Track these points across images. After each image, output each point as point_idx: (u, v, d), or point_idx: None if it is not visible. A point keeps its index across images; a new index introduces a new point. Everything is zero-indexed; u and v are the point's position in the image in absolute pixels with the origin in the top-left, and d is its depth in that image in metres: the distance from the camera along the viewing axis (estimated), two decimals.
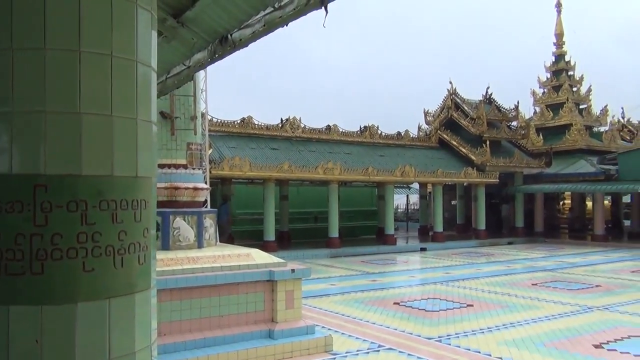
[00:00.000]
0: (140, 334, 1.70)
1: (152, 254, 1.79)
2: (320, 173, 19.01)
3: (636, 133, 30.50)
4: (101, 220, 1.60)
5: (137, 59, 1.71)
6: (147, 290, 1.74)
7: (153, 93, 1.80)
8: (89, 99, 1.60)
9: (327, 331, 7.42)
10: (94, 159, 1.60)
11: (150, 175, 1.77)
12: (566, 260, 17.51)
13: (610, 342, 7.19)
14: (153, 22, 1.81)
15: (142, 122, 1.72)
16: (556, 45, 31.00)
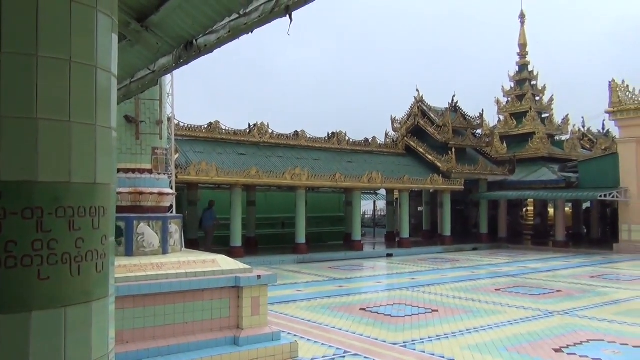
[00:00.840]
0: (97, 343, 1.67)
1: (110, 262, 1.76)
2: (287, 179, 19.00)
3: (596, 142, 31.42)
4: (57, 227, 1.57)
5: (97, 65, 1.69)
6: (105, 298, 1.72)
7: (113, 99, 1.78)
8: (46, 104, 1.57)
9: (293, 337, 7.40)
10: (51, 165, 1.57)
11: (109, 182, 1.75)
12: (529, 266, 17.87)
13: (570, 346, 7.36)
14: (114, 27, 1.79)
15: (101, 128, 1.70)
16: (520, 55, 31.70)
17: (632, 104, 23.14)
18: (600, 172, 24.11)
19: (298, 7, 2.14)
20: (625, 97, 23.42)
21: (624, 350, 7.18)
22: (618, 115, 23.61)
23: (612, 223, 25.14)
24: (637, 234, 22.58)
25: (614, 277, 15.18)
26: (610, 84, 23.90)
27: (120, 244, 6.62)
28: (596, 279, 14.68)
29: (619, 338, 7.82)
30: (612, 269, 17.11)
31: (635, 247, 22.35)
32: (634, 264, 18.57)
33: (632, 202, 22.78)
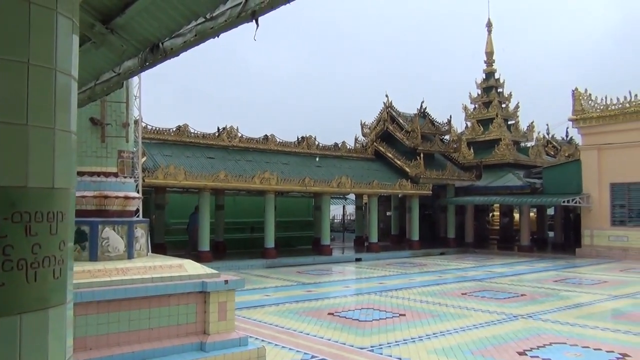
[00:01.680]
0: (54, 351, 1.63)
1: (68, 267, 1.73)
2: (256, 183, 18.93)
3: (559, 149, 32.17)
4: (13, 232, 1.54)
5: (56, 67, 1.65)
6: (63, 305, 1.68)
7: (73, 102, 1.74)
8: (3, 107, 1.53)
9: (261, 343, 7.37)
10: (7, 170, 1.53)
11: (67, 187, 1.72)
12: (494, 270, 18.15)
13: (534, 349, 7.50)
14: (74, 30, 1.76)
15: (60, 132, 1.66)
16: (487, 63, 32.26)
17: (594, 112, 23.76)
18: (563, 178, 24.68)
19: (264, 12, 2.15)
20: (587, 105, 24.04)
21: (585, 353, 7.34)
22: (581, 123, 24.22)
23: (575, 228, 25.73)
24: (598, 239, 23.17)
25: (576, 281, 15.53)
26: (573, 92, 24.51)
27: (84, 248, 6.50)
28: (559, 283, 15.00)
29: (581, 341, 8.00)
30: (575, 273, 17.50)
31: (597, 252, 22.93)
32: (596, 268, 19.03)
33: (594, 207, 23.37)
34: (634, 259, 21.57)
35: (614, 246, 22.67)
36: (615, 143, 22.99)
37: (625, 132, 22.71)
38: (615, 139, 23.00)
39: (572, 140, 33.06)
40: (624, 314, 10.55)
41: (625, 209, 22.83)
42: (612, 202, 23.10)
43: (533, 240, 27.00)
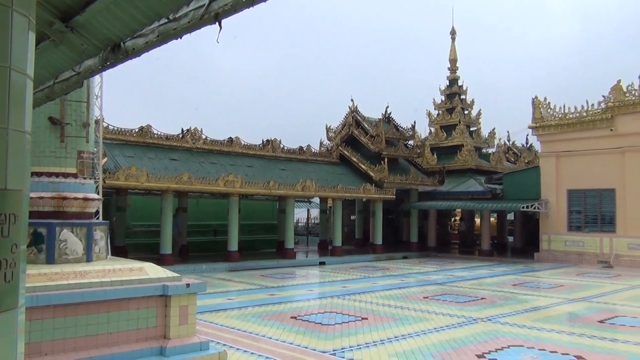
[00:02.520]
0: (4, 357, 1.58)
1: (20, 270, 1.68)
2: (220, 185, 18.78)
3: (519, 155, 32.90)
4: None
5: (10, 66, 1.61)
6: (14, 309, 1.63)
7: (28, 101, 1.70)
8: None
9: (222, 347, 7.30)
10: None
11: (20, 188, 1.67)
12: (455, 274, 18.42)
13: (492, 352, 7.63)
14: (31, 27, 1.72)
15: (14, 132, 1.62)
16: (450, 70, 32.80)
17: (552, 120, 24.40)
18: (523, 184, 25.26)
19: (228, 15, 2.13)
20: (546, 113, 24.67)
21: (541, 356, 7.51)
22: (540, 131, 24.83)
23: (534, 233, 26.36)
24: (556, 243, 23.77)
25: (534, 285, 15.89)
26: (533, 101, 25.12)
27: (41, 251, 6.33)
28: (518, 287, 15.31)
29: (537, 343, 8.18)
30: (533, 277, 17.90)
31: (554, 256, 23.52)
32: (553, 272, 19.51)
33: (551, 213, 23.97)
34: (589, 263, 22.21)
35: (571, 251, 23.29)
36: (573, 151, 23.65)
37: (582, 140, 23.39)
38: (573, 147, 23.66)
39: (532, 147, 33.87)
40: (579, 317, 10.84)
41: (581, 214, 23.49)
42: (569, 208, 23.74)
43: (493, 245, 27.53)
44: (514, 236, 30.64)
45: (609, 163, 22.54)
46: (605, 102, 22.89)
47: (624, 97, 22.26)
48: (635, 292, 14.50)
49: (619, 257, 21.72)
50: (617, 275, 18.41)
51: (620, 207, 22.19)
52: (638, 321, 10.22)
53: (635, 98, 21.93)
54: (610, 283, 16.42)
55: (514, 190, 25.43)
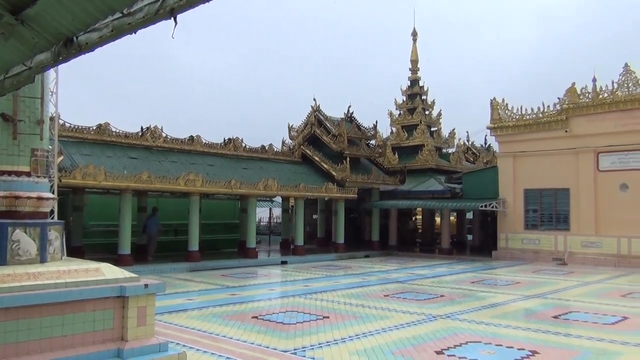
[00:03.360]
0: None
1: None
2: (181, 184, 18.53)
3: (478, 155, 33.54)
4: None
5: None
6: None
7: None
8: None
9: (182, 348, 7.21)
10: None
11: None
12: (416, 272, 18.66)
13: (450, 348, 7.76)
14: None
15: None
16: (412, 70, 33.19)
17: (510, 121, 24.96)
18: (482, 183, 25.76)
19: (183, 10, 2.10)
20: (504, 114, 25.22)
21: (498, 351, 7.67)
22: (498, 132, 25.37)
23: (492, 231, 26.93)
24: (513, 242, 24.33)
25: (492, 282, 16.23)
26: (491, 102, 25.64)
27: None
28: (476, 284, 15.61)
29: (494, 339, 8.36)
30: (491, 275, 18.28)
31: (511, 254, 24.07)
32: (510, 269, 19.96)
33: (509, 212, 24.53)
34: (545, 261, 22.82)
35: (527, 249, 23.87)
36: (529, 151, 24.25)
37: (538, 140, 24.00)
38: (529, 147, 24.26)
39: (490, 147, 34.55)
40: (534, 313, 11.11)
41: (537, 213, 24.10)
42: (525, 207, 24.33)
43: (453, 243, 27.99)
44: (472, 235, 31.24)
45: (564, 163, 23.20)
46: (560, 104, 23.55)
47: (578, 99, 22.93)
48: (587, 289, 14.97)
49: (573, 255, 22.38)
50: (571, 272, 18.97)
51: (574, 206, 22.86)
52: (590, 316, 10.56)
53: (589, 100, 22.62)
54: (564, 280, 16.90)
55: (473, 190, 25.92)
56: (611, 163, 22.11)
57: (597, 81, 22.65)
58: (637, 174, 21.42)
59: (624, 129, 21.62)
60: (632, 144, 21.46)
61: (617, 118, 21.86)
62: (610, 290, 14.58)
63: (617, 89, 21.96)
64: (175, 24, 2.12)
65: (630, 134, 21.49)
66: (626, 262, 21.06)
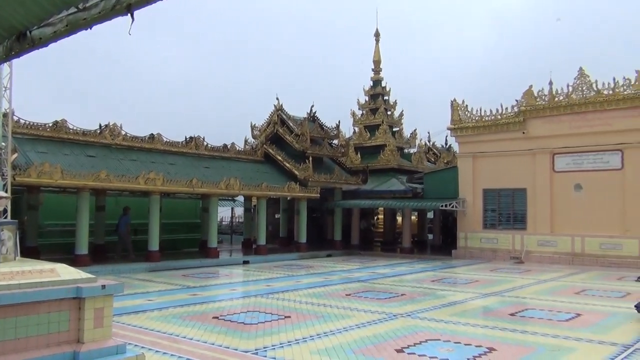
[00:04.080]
0: None
1: None
2: (141, 183, 18.22)
3: (439, 156, 34.07)
4: None
5: None
6: None
7: None
8: None
9: (140, 350, 7.10)
10: None
11: None
12: (378, 272, 18.81)
13: (410, 346, 7.85)
14: None
15: None
16: (374, 71, 33.44)
17: (470, 122, 25.42)
18: (442, 183, 26.16)
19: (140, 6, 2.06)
20: (464, 116, 25.67)
21: (457, 348, 7.80)
22: (458, 132, 25.81)
23: (452, 231, 27.38)
24: (472, 241, 24.79)
25: (451, 281, 16.49)
26: (451, 103, 26.05)
27: None
28: (436, 283, 15.85)
29: (453, 337, 8.49)
30: (450, 274, 18.58)
31: (470, 253, 24.52)
32: (469, 268, 20.34)
33: (468, 211, 24.98)
34: (502, 259, 23.33)
35: (485, 248, 24.36)
36: (488, 152, 24.75)
37: (496, 141, 24.52)
38: (488, 148, 24.76)
39: (451, 148, 35.12)
40: (492, 310, 11.35)
41: (495, 213, 24.62)
42: (484, 206, 24.83)
43: (414, 243, 28.32)
44: (433, 234, 31.70)
45: (521, 164, 23.77)
46: (518, 106, 24.10)
47: (534, 101, 23.52)
48: (543, 286, 15.37)
49: (530, 253, 22.95)
50: (527, 271, 19.45)
51: (531, 206, 23.44)
52: (545, 313, 10.84)
53: (545, 103, 23.23)
54: (521, 278, 17.31)
55: (434, 190, 26.30)
56: (566, 164, 22.77)
57: (553, 84, 23.29)
58: (590, 174, 22.12)
59: (578, 130, 22.29)
60: (586, 145, 22.15)
61: (571, 120, 22.53)
62: (564, 288, 15.01)
63: (572, 92, 22.62)
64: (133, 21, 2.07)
65: (584, 135, 22.17)
66: (580, 261, 21.72)
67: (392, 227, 32.72)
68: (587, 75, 22.40)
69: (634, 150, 21.15)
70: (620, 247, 21.14)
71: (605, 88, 21.85)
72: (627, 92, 21.30)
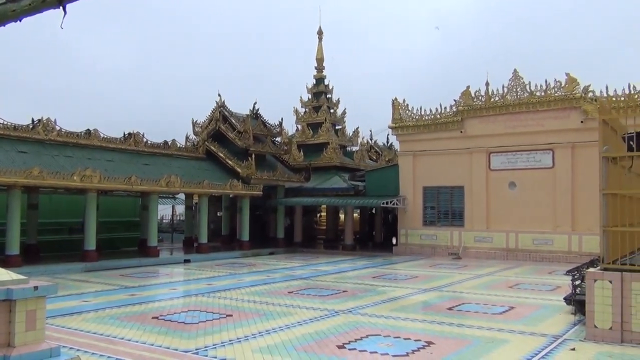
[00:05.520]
0: None
1: None
2: (76, 180, 17.62)
3: (381, 154, 34.57)
4: None
5: None
6: None
7: None
8: None
9: (75, 352, 6.89)
10: None
11: None
12: (320, 269, 18.93)
13: (352, 342, 7.95)
14: None
15: None
16: (317, 69, 33.53)
17: (410, 121, 25.93)
18: (383, 181, 26.57)
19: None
20: (405, 115, 26.16)
21: (396, 343, 7.96)
22: (399, 131, 26.28)
23: (393, 228, 27.86)
24: (412, 237, 25.32)
25: (392, 277, 16.80)
26: (393, 102, 26.49)
27: None
28: (377, 279, 16.10)
29: (393, 332, 8.66)
30: (391, 270, 18.92)
31: (411, 250, 25.04)
32: (409, 264, 20.77)
33: (408, 209, 25.50)
34: (441, 255, 23.95)
35: (425, 244, 24.94)
36: (428, 150, 25.32)
37: (436, 140, 25.12)
38: (428, 147, 25.34)
39: (392, 146, 35.67)
40: (430, 305, 11.64)
41: (435, 210, 25.24)
42: (424, 204, 25.40)
43: (356, 240, 28.63)
44: (374, 231, 32.15)
45: (459, 162, 24.45)
46: (456, 106, 24.77)
47: (472, 102, 24.23)
48: (479, 281, 15.89)
49: (467, 249, 23.67)
50: (465, 266, 20.05)
51: (468, 203, 24.17)
52: (481, 307, 11.22)
53: (482, 103, 23.98)
54: (459, 273, 17.83)
55: (376, 187, 26.67)
56: (501, 163, 23.60)
57: (489, 85, 24.09)
58: (523, 173, 23.01)
59: (513, 130, 23.14)
60: (519, 145, 23.02)
61: (506, 120, 23.36)
62: (499, 282, 15.57)
63: (506, 93, 23.45)
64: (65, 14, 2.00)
65: (517, 135, 23.03)
66: (513, 256, 22.58)
67: (334, 225, 32.97)
68: (521, 77, 23.27)
69: (564, 150, 22.15)
70: (551, 242, 22.11)
71: (538, 90, 22.77)
72: (558, 94, 22.29)
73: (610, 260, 8.12)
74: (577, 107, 21.86)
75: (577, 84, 22.01)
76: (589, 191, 20.07)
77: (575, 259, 20.08)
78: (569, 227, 21.80)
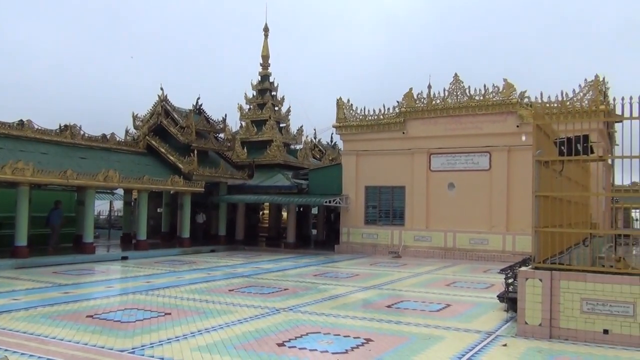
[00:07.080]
0: None
1: None
2: (7, 173, 16.86)
3: (325, 153, 34.77)
4: None
5: None
6: None
7: None
8: None
9: (4, 352, 6.61)
10: None
11: None
12: (262, 267, 18.86)
13: (292, 340, 7.97)
14: None
15: None
16: (262, 66, 33.38)
17: (354, 121, 26.19)
18: (327, 180, 26.74)
19: None
20: (349, 114, 26.40)
21: (336, 340, 8.04)
22: (342, 130, 26.50)
23: (335, 226, 28.07)
24: (354, 236, 25.61)
25: (333, 275, 16.93)
26: (337, 101, 26.69)
27: None
28: (318, 277, 16.19)
29: (333, 329, 8.74)
30: (332, 268, 19.07)
31: (352, 248, 25.32)
32: (350, 262, 20.99)
33: (351, 207, 25.76)
34: (382, 254, 24.33)
35: (366, 243, 25.27)
36: (371, 150, 25.66)
37: (379, 140, 25.48)
38: (371, 147, 25.68)
39: (336, 145, 35.94)
40: (370, 303, 11.82)
41: (376, 209, 25.60)
42: (366, 203, 25.73)
43: (298, 238, 28.69)
44: (317, 229, 32.31)
45: (401, 163, 24.90)
46: (399, 107, 25.20)
47: (414, 103, 24.72)
48: (418, 279, 16.25)
49: (407, 248, 24.14)
50: (404, 265, 20.44)
51: (409, 203, 24.65)
52: (419, 305, 11.49)
53: (424, 105, 24.49)
54: (398, 271, 18.17)
55: (319, 186, 26.80)
56: (441, 164, 24.19)
57: (432, 87, 24.65)
58: (462, 174, 23.67)
59: (452, 133, 23.76)
60: (458, 147, 23.66)
61: (446, 123, 23.96)
62: (437, 280, 15.97)
63: (447, 96, 24.05)
64: None
65: (457, 137, 23.66)
66: (451, 255, 23.21)
67: (277, 223, 32.91)
68: (461, 81, 23.91)
69: (500, 153, 22.92)
70: (486, 242, 22.85)
71: (477, 94, 23.47)
72: (496, 98, 23.04)
73: (541, 260, 8.49)
74: (513, 112, 22.66)
75: (514, 89, 22.82)
76: (523, 193, 20.86)
77: (509, 258, 20.82)
78: (504, 227, 22.59)
